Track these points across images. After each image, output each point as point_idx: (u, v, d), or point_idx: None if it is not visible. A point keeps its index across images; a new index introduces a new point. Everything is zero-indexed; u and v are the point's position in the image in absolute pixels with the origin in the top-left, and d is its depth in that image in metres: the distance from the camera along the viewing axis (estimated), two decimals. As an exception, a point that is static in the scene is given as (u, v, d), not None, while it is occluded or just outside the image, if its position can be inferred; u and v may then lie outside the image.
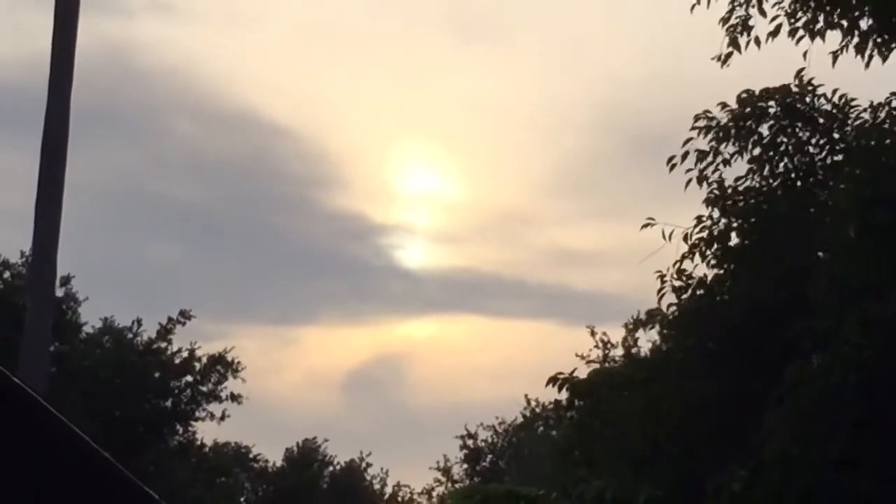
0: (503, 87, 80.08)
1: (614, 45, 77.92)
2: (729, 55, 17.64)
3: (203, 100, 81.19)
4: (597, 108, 78.89)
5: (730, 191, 17.64)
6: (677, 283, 17.66)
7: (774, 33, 17.47)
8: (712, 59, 17.64)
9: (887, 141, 16.51)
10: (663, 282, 17.66)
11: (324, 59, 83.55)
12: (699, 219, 17.67)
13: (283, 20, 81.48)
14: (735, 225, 17.62)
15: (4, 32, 63.05)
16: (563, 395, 18.34)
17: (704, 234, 17.58)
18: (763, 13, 17.52)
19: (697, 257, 17.67)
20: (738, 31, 17.65)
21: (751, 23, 17.60)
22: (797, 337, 15.45)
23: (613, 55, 76.80)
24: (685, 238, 17.60)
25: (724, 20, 17.66)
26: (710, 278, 17.71)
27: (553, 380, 17.95)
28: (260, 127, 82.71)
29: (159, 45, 77.78)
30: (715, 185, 17.64)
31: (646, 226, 17.35)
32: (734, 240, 17.70)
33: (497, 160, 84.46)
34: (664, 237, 17.44)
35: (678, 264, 17.67)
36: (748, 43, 17.62)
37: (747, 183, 17.69)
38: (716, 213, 17.66)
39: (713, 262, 17.71)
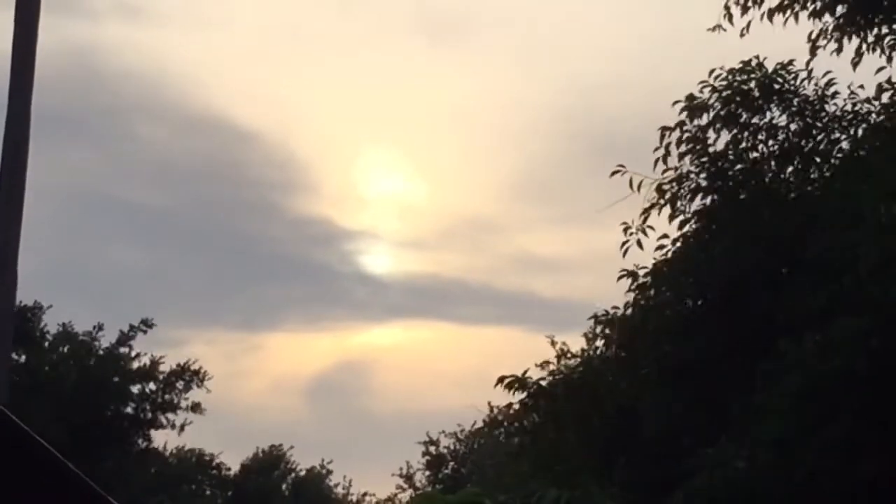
0: (470, 92, 79.96)
1: (582, 49, 77.89)
2: (719, 25, 17.80)
3: (168, 103, 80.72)
4: (564, 112, 78.81)
5: (711, 154, 17.32)
6: (642, 238, 17.14)
7: (781, 7, 17.48)
8: (708, 29, 17.73)
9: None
10: (628, 233, 17.15)
11: (291, 63, 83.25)
12: (674, 169, 17.26)
13: (249, 24, 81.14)
14: (716, 185, 17.20)
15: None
16: (516, 398, 18.07)
17: (679, 188, 17.11)
18: None
19: (666, 210, 17.21)
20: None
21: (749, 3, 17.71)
22: (784, 310, 15.07)
23: (581, 60, 76.64)
24: (658, 188, 17.18)
25: None
26: (679, 236, 17.23)
27: (501, 380, 17.63)
28: (225, 131, 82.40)
29: (124, 47, 77.27)
30: (698, 146, 17.30)
31: (615, 173, 16.98)
32: (707, 200, 17.30)
33: (463, 165, 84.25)
34: (631, 187, 17.03)
35: (646, 214, 17.19)
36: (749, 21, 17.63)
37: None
38: (691, 167, 17.29)
39: (686, 217, 17.27)
